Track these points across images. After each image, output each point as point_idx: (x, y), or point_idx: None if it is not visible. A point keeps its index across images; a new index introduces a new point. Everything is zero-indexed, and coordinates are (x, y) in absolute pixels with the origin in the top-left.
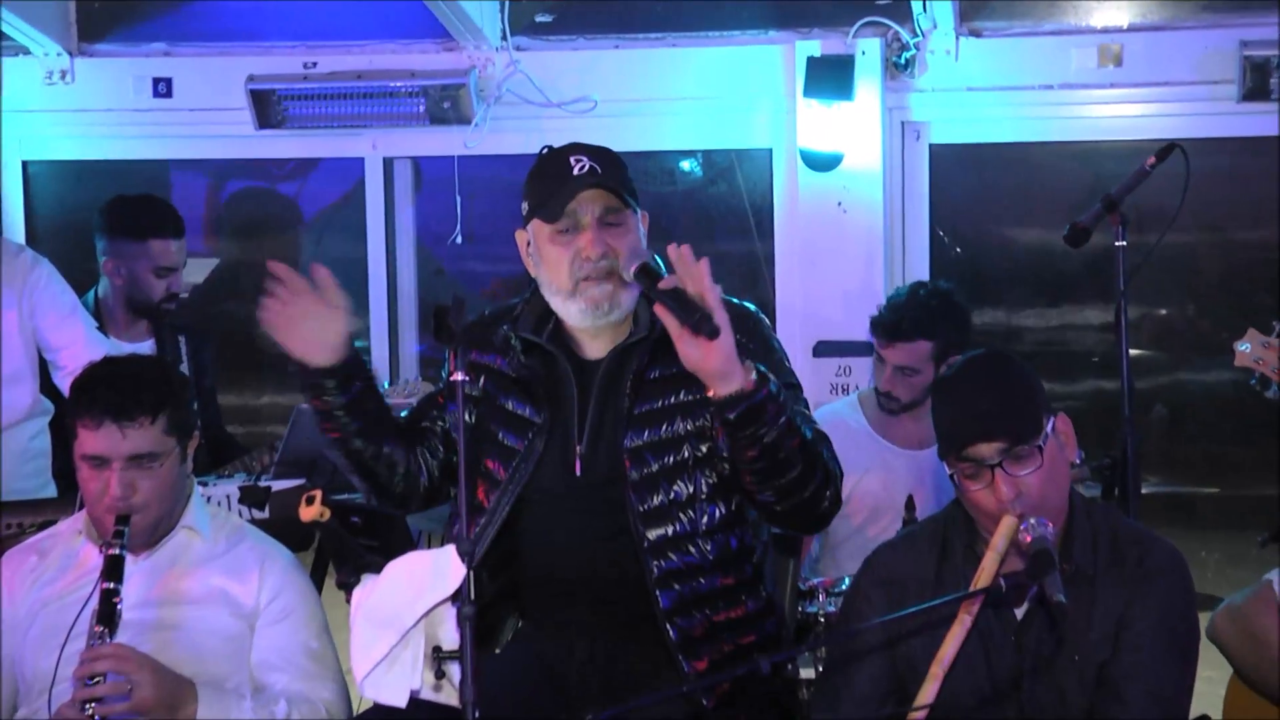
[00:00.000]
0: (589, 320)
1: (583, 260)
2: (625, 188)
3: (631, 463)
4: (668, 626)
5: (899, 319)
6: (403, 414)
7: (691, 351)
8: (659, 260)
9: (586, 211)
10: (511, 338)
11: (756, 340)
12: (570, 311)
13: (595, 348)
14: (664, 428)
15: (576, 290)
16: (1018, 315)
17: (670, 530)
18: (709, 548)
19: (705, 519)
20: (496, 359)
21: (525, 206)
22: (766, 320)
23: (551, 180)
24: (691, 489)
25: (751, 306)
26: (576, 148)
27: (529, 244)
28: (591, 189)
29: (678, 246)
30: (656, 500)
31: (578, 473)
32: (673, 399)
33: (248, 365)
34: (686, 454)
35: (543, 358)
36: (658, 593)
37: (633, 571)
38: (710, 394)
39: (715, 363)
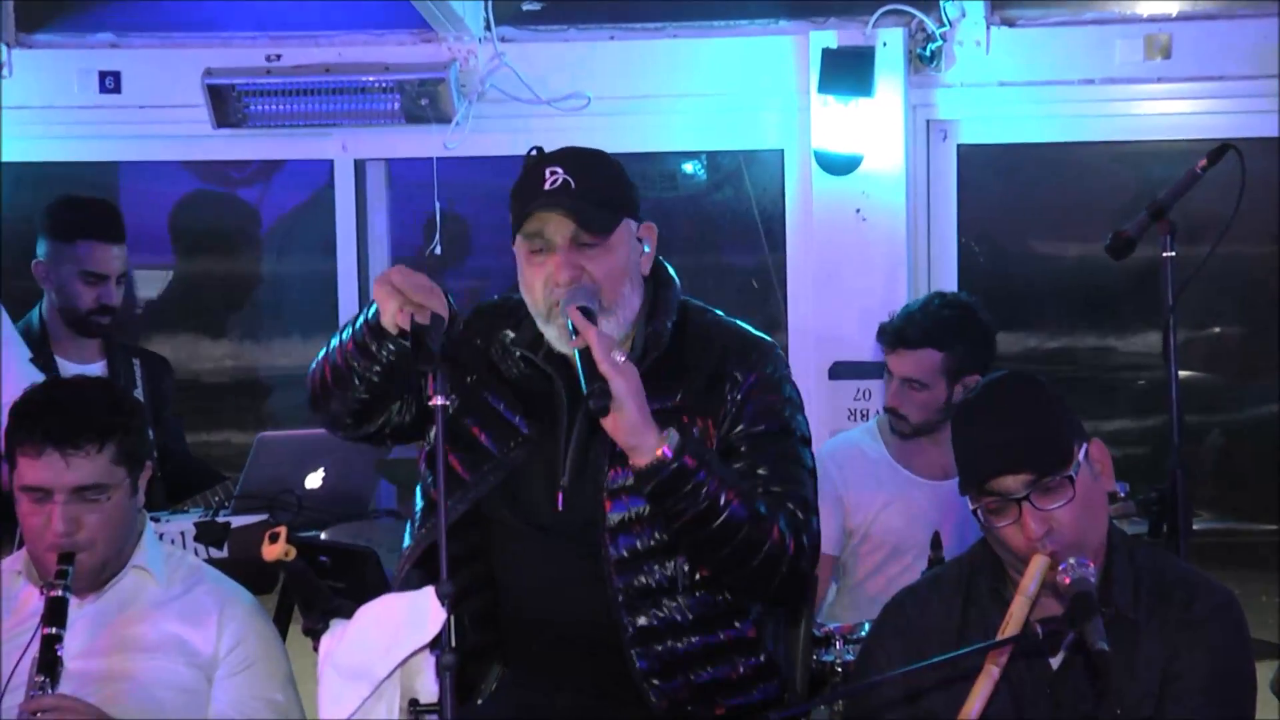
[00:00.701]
0: (565, 347)
1: (553, 285)
2: (606, 203)
3: (612, 504)
4: (647, 688)
5: (904, 324)
6: None
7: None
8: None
9: (557, 232)
10: (508, 343)
11: (760, 381)
12: (550, 335)
13: None
14: None
15: (550, 315)
16: (1055, 335)
17: (646, 582)
18: (689, 604)
19: (687, 572)
20: (494, 353)
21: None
22: (780, 354)
23: (525, 194)
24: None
25: (763, 338)
26: (555, 156)
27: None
28: (558, 210)
29: (573, 308)
30: (634, 547)
31: (559, 507)
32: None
33: (199, 395)
34: None
35: (540, 375)
36: (633, 652)
37: (608, 627)
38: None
39: (618, 436)
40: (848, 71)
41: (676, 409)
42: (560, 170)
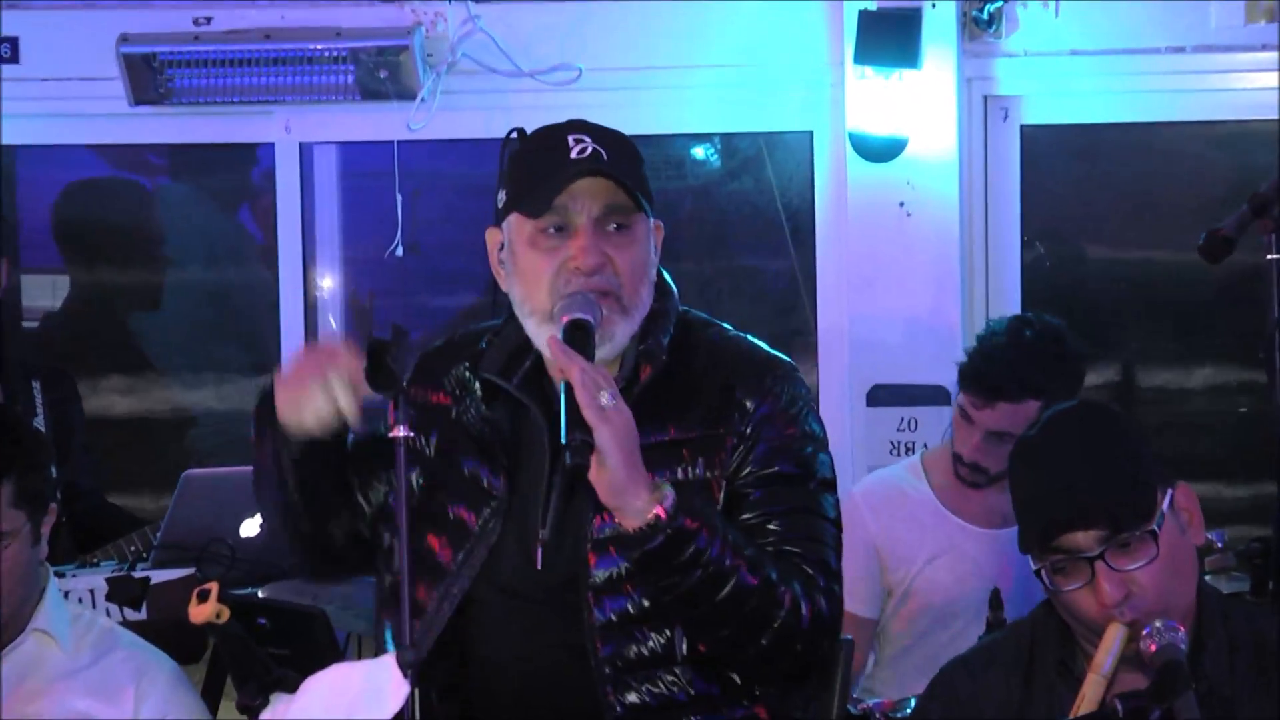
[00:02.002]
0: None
1: (570, 273)
2: (639, 183)
3: (597, 558)
4: None
5: (1003, 372)
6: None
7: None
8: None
9: (583, 208)
10: (470, 380)
11: (775, 411)
12: (546, 340)
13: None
14: None
15: (557, 313)
16: (1136, 352)
17: (637, 652)
18: (689, 678)
19: (687, 641)
20: (450, 407)
21: (503, 197)
22: (799, 377)
23: (541, 163)
24: None
25: (779, 357)
26: (578, 125)
27: (502, 246)
28: (594, 177)
29: (553, 339)
30: (622, 611)
31: (538, 565)
32: (658, 475)
33: (108, 426)
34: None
35: (511, 407)
36: None
37: (591, 705)
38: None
39: (602, 495)
40: (889, 38)
41: (672, 443)
42: (588, 139)
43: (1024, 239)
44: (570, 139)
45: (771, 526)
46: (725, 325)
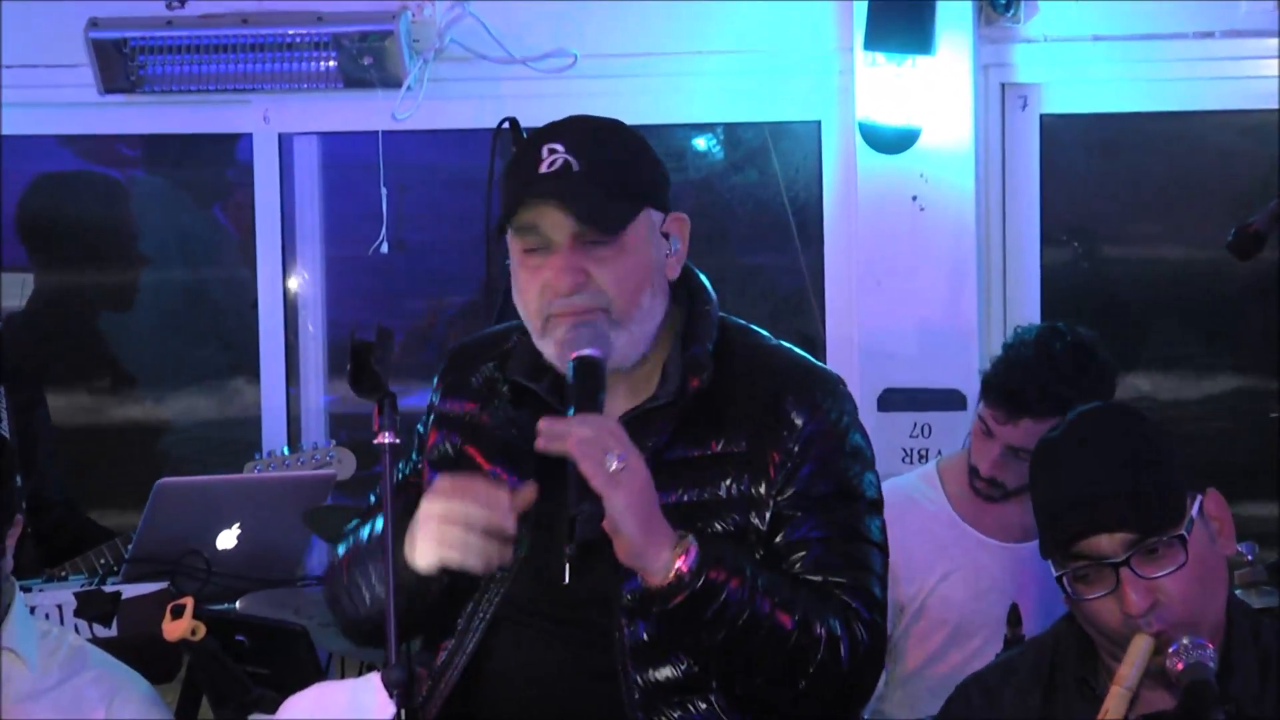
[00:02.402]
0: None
1: (552, 293)
2: (621, 191)
3: (628, 576)
4: None
5: (1029, 387)
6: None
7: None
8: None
9: (556, 228)
10: (498, 380)
11: (823, 429)
12: (547, 353)
13: (609, 405)
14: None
15: (546, 329)
16: (1160, 355)
17: (670, 675)
18: (723, 705)
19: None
20: (478, 410)
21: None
22: (846, 391)
23: (514, 176)
24: None
25: (827, 371)
26: (557, 129)
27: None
28: (552, 202)
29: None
30: (655, 631)
31: (565, 580)
32: (699, 493)
33: (76, 433)
34: None
35: (540, 410)
36: None
37: None
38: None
39: (619, 556)
40: (901, 22)
41: (716, 458)
42: (561, 148)
43: (1059, 238)
44: (544, 150)
45: (814, 552)
46: (763, 332)
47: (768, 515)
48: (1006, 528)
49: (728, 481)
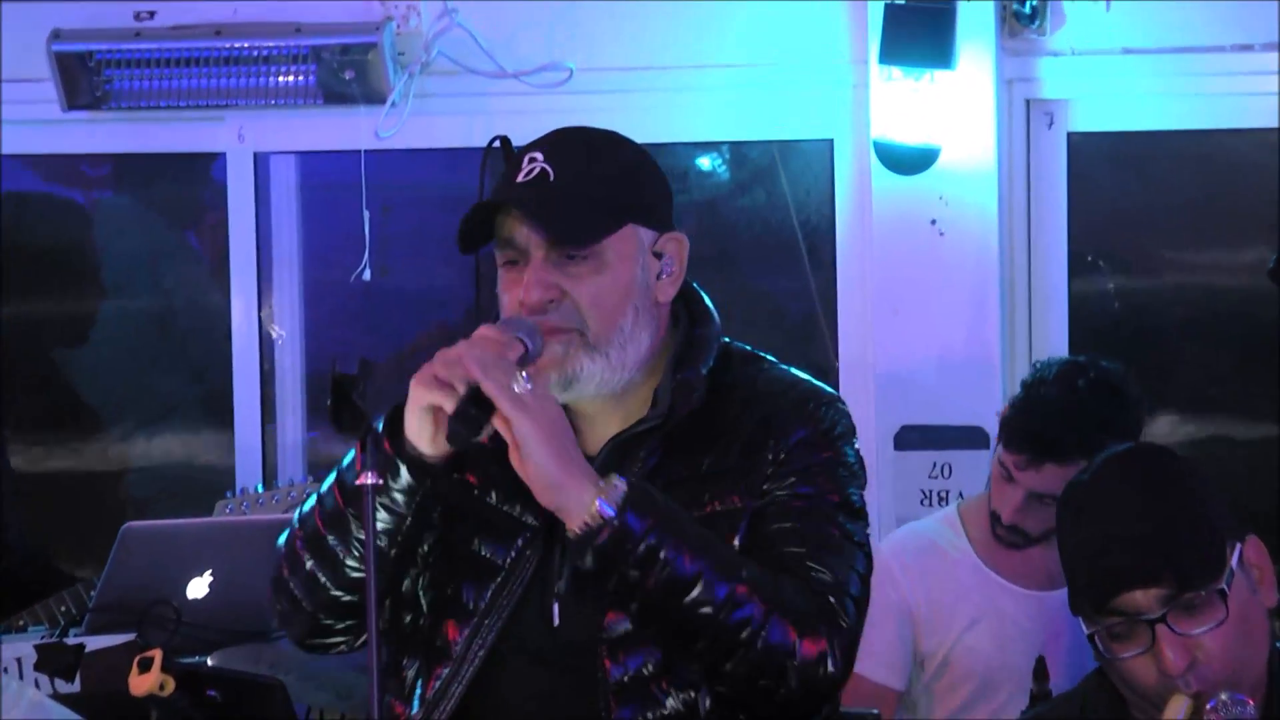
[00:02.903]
0: (556, 389)
1: (524, 310)
2: (600, 202)
3: (615, 612)
4: None
5: (1052, 429)
6: None
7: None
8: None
9: (530, 238)
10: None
11: (811, 436)
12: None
13: (598, 434)
14: None
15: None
16: (1196, 388)
17: (655, 715)
18: None
19: (709, 703)
20: None
21: None
22: (845, 410)
23: (496, 188)
24: None
25: (827, 391)
26: (545, 139)
27: None
28: (517, 210)
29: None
30: (640, 670)
31: (555, 622)
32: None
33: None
34: None
35: None
36: None
37: None
38: None
39: (536, 494)
40: (919, 35)
41: (701, 478)
42: (540, 157)
43: (1088, 264)
44: (526, 158)
45: (790, 546)
46: (771, 358)
47: (743, 528)
48: (1033, 574)
49: (714, 499)
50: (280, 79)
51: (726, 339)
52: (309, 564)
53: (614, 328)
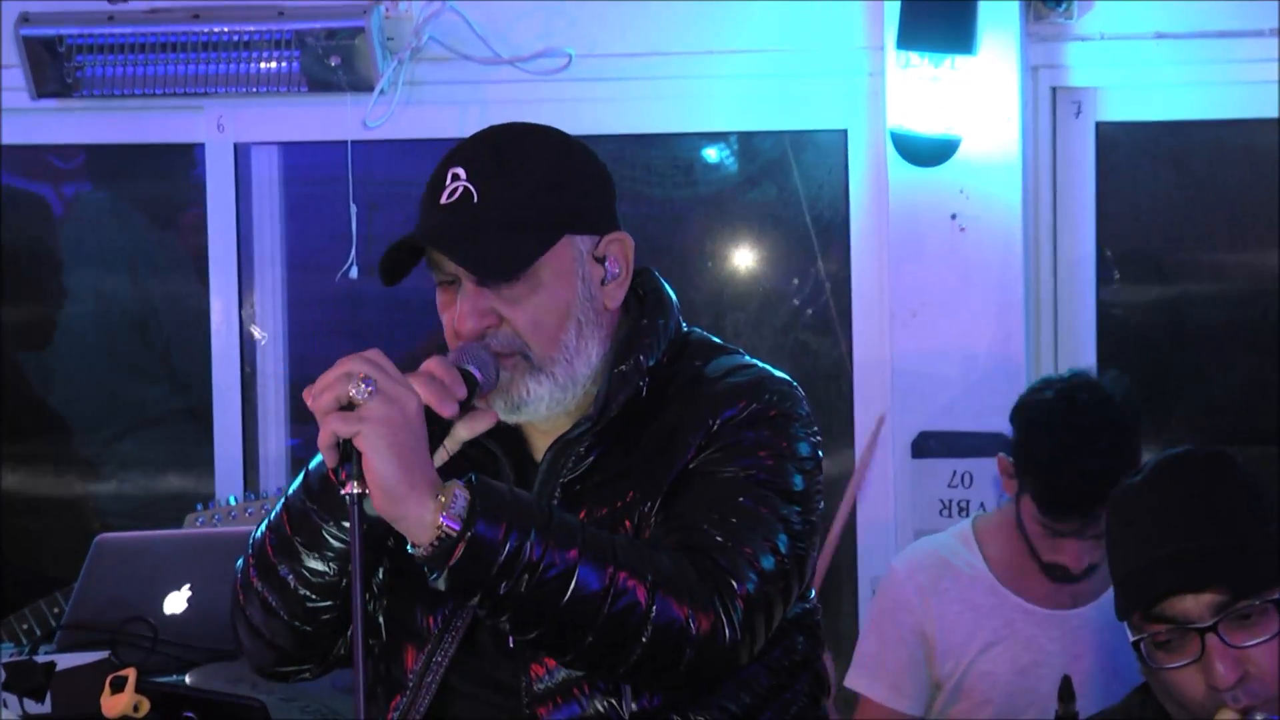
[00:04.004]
0: (504, 412)
1: (461, 338)
2: (528, 222)
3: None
4: None
5: (1092, 495)
6: None
7: None
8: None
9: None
10: None
11: (745, 416)
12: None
13: (545, 441)
14: None
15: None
16: (1235, 392)
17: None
18: None
19: (632, 701)
20: None
21: None
22: (797, 394)
23: (421, 207)
24: None
25: (777, 376)
26: (464, 149)
27: None
28: (438, 248)
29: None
30: (554, 673)
31: (510, 644)
32: (602, 511)
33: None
34: None
35: (480, 459)
36: None
37: None
38: None
39: (375, 504)
40: (939, 20)
41: (616, 478)
42: (463, 174)
43: (1118, 262)
44: (449, 173)
45: (691, 517)
46: (740, 351)
47: (657, 503)
48: (1054, 594)
49: (641, 496)
50: (262, 65)
51: (695, 330)
52: (266, 594)
53: (557, 346)
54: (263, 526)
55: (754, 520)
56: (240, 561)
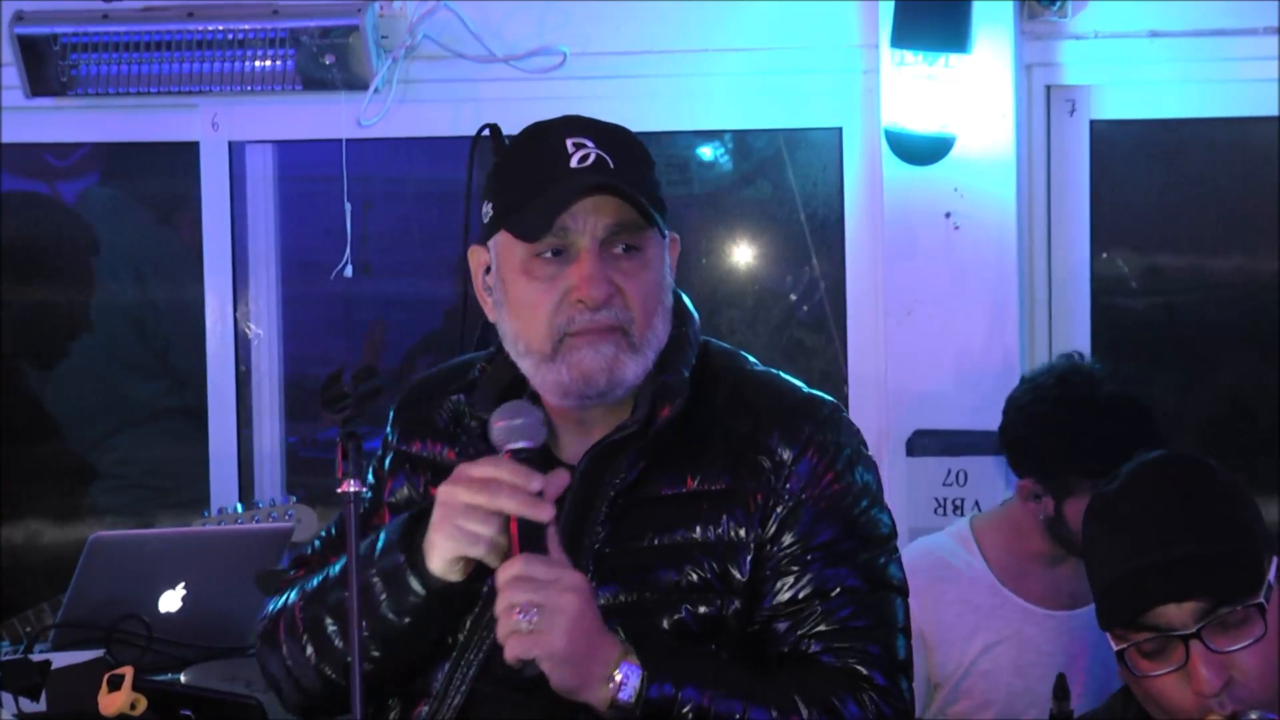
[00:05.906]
0: (573, 398)
1: (573, 306)
2: (651, 194)
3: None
4: None
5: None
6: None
7: None
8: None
9: (585, 228)
10: (465, 413)
11: (819, 464)
12: (546, 382)
13: (581, 442)
14: (643, 578)
15: (559, 351)
16: (1229, 392)
17: None
18: None
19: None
20: (444, 448)
21: (488, 210)
22: (845, 418)
23: (536, 173)
24: None
25: (820, 397)
26: (575, 124)
27: (488, 270)
28: (599, 194)
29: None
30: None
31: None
32: (672, 535)
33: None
34: (669, 625)
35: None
36: None
37: None
38: None
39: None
40: (934, 18)
41: (691, 496)
42: (590, 143)
43: (1112, 260)
44: (569, 143)
45: (812, 616)
46: (751, 359)
47: (748, 562)
48: (1053, 593)
49: (704, 524)
50: (256, 64)
51: (708, 338)
52: (307, 649)
53: (649, 327)
54: (316, 581)
55: (881, 609)
56: (278, 605)
